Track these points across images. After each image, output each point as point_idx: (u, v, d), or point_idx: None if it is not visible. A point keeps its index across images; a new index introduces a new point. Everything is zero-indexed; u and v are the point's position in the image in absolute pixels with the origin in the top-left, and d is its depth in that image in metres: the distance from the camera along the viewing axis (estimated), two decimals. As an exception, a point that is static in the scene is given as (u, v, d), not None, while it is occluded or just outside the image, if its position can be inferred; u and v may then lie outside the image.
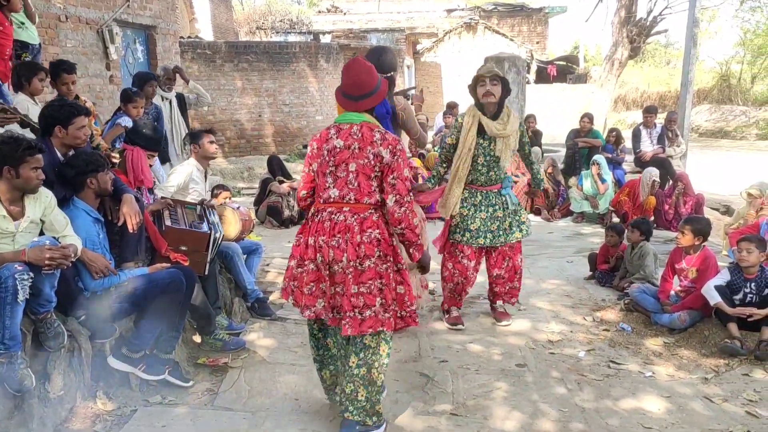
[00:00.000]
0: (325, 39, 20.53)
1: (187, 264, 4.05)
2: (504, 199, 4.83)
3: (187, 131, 6.90)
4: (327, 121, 15.51)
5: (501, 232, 4.79)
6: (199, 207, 4.65)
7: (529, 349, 4.51)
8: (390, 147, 3.10)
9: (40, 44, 6.13)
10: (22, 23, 5.86)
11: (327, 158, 3.16)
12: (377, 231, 3.11)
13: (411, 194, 3.21)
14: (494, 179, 4.80)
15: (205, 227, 4.41)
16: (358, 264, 3.08)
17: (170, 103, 7.02)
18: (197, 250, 4.25)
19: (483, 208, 4.77)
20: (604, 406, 3.70)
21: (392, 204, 3.09)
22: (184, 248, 4.17)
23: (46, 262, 3.08)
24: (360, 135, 3.12)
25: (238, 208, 5.40)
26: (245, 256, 5.22)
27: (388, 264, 3.14)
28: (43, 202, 3.38)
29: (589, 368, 4.21)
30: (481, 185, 4.79)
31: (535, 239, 7.62)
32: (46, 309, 3.24)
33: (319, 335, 3.46)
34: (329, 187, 3.17)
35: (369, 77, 3.22)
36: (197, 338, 4.40)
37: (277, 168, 9.33)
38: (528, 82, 13.45)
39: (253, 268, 5.34)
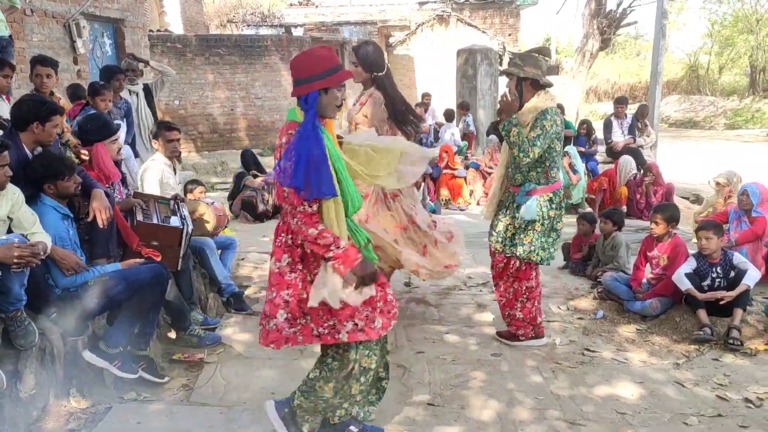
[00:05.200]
0: (297, 32, 20.39)
1: (159, 259, 4.00)
2: (517, 205, 4.23)
3: (154, 123, 6.79)
4: (300, 114, 15.41)
5: (507, 242, 4.30)
6: (172, 201, 4.60)
7: (497, 334, 4.54)
8: (281, 151, 2.77)
9: (10, 36, 5.98)
10: (-13, 16, 5.72)
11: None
12: (289, 236, 2.88)
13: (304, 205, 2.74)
14: (517, 180, 4.23)
15: (176, 222, 4.36)
16: (274, 267, 2.92)
17: (137, 95, 6.91)
18: (169, 245, 4.19)
19: (508, 211, 4.30)
20: (579, 393, 3.74)
21: (289, 216, 2.81)
22: (155, 243, 4.11)
23: (15, 260, 3.02)
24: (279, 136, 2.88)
25: (212, 203, 5.35)
26: (220, 251, 5.18)
27: (297, 274, 2.87)
28: (10, 199, 3.31)
29: (564, 356, 4.26)
30: (513, 186, 4.30)
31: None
32: (16, 307, 3.18)
33: None
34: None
35: (302, 64, 2.83)
36: (172, 334, 4.35)
37: (251, 162, 9.27)
38: (500, 74, 13.49)
39: (228, 262, 5.30)
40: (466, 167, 10.32)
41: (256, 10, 24.32)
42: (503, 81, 12.45)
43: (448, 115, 11.94)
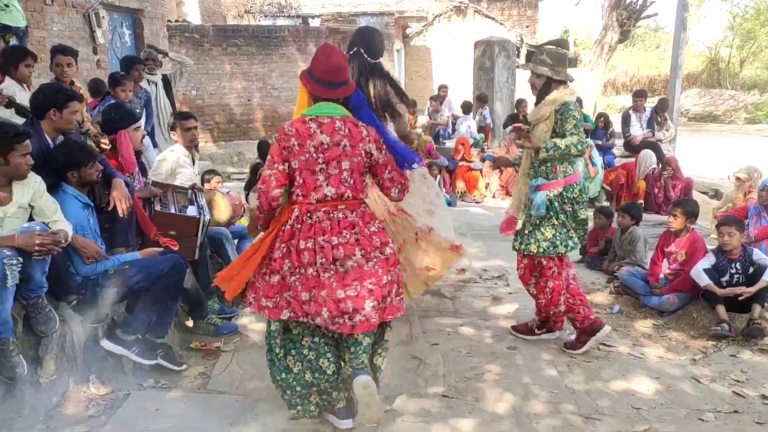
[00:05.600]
0: (314, 23, 20.38)
1: (176, 248, 4.04)
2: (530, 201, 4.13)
3: (171, 114, 6.85)
4: (317, 105, 15.41)
5: (522, 237, 4.19)
6: (189, 191, 4.63)
7: (512, 328, 4.53)
8: (376, 143, 3.11)
9: (26, 27, 6.04)
10: (6, 5, 5.77)
11: (315, 155, 2.98)
12: (377, 222, 3.17)
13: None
14: (530, 176, 4.14)
15: (193, 211, 4.39)
16: (380, 254, 3.05)
17: (156, 85, 6.97)
18: (187, 234, 4.23)
19: (526, 208, 4.20)
20: (595, 388, 3.74)
21: (397, 194, 3.27)
22: (173, 233, 4.15)
23: (36, 248, 3.07)
24: (347, 131, 3.03)
25: (228, 192, 5.38)
26: (236, 241, 5.21)
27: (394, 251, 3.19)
28: (32, 188, 3.36)
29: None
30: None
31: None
32: (37, 294, 3.24)
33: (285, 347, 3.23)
34: (322, 185, 3.00)
35: (346, 64, 3.15)
36: (189, 323, 4.40)
37: (267, 152, 9.28)
38: (518, 67, 13.41)
39: (245, 252, 5.32)
40: (482, 160, 10.29)
41: (273, 1, 24.31)
42: (521, 73, 12.39)
43: (465, 108, 11.89)
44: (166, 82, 7.14)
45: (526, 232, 4.13)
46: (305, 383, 3.16)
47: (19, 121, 3.87)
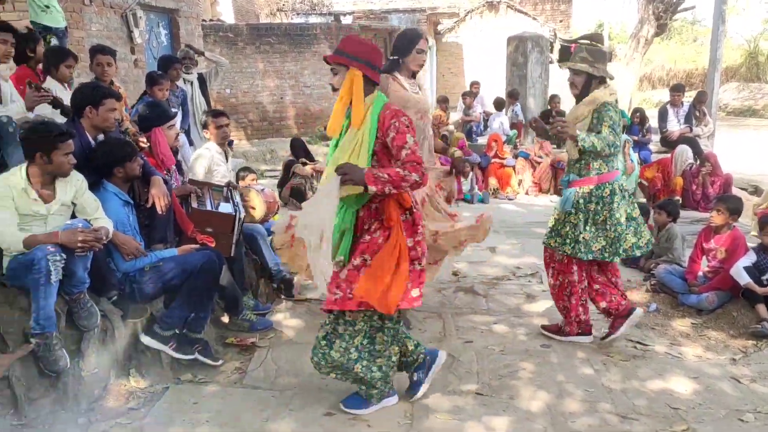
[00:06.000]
0: (346, 20, 20.43)
1: (213, 245, 4.10)
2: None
3: (205, 111, 6.93)
4: (348, 102, 15.45)
5: (551, 233, 4.22)
6: (225, 189, 4.70)
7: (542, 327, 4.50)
8: (408, 132, 3.13)
9: (66, 27, 6.18)
10: (46, 6, 5.91)
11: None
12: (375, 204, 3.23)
13: None
14: (567, 169, 4.19)
15: (229, 208, 4.46)
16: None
17: (192, 84, 7.07)
18: (223, 231, 4.29)
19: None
20: (631, 387, 3.69)
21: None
22: (209, 230, 4.22)
23: (79, 244, 3.14)
24: None
25: (263, 190, 5.43)
26: (270, 238, 5.26)
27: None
28: (74, 185, 3.44)
29: (616, 349, 4.19)
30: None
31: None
32: (80, 290, 3.31)
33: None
34: None
35: (378, 54, 3.21)
36: (225, 318, 4.46)
37: (300, 150, 9.34)
38: (551, 62, 13.26)
39: (278, 249, 5.37)
40: (515, 156, 10.21)
41: (305, -1, 24.44)
42: (554, 69, 12.25)
43: (498, 104, 11.80)
44: (202, 81, 7.24)
45: (550, 225, 4.22)
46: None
47: (62, 120, 3.95)
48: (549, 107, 11.32)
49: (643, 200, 8.29)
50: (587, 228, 4.02)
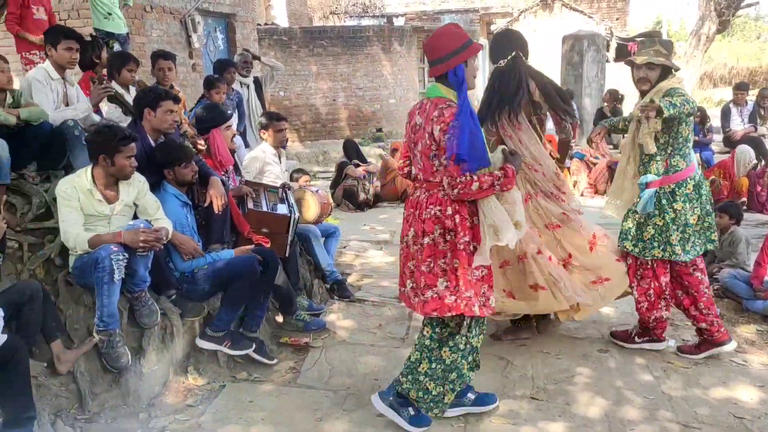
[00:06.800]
0: (399, 22, 20.44)
1: (269, 246, 4.16)
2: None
3: (262, 114, 7.05)
4: (400, 104, 15.50)
5: (632, 239, 4.00)
6: (280, 190, 4.76)
7: (611, 334, 4.39)
8: (442, 125, 2.88)
9: (127, 33, 6.38)
10: (109, 13, 6.11)
11: (411, 135, 3.13)
12: (438, 208, 2.99)
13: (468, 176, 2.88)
14: (641, 170, 3.95)
15: (284, 209, 4.51)
16: (421, 239, 3.03)
17: (248, 87, 7.20)
18: (278, 232, 4.35)
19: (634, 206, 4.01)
20: (693, 395, 3.57)
21: (447, 187, 2.93)
22: (265, 230, 4.28)
23: (141, 244, 3.24)
24: (427, 113, 3.01)
25: (317, 191, 5.49)
26: (323, 239, 5.30)
27: (451, 244, 2.98)
28: (136, 187, 3.55)
29: (676, 356, 4.06)
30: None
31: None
32: (141, 288, 3.41)
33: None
34: (411, 164, 3.25)
35: (440, 43, 2.97)
36: (279, 318, 4.52)
37: (352, 152, 9.42)
38: (607, 61, 12.99)
39: (331, 250, 5.42)
40: (570, 157, 10.02)
41: (357, 2, 24.60)
42: (610, 68, 11.99)
43: (552, 104, 11.62)
44: (258, 84, 7.38)
45: (627, 228, 3.98)
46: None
47: (126, 122, 4.09)
48: (605, 104, 11.07)
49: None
50: (679, 227, 3.83)
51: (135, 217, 3.56)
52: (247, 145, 6.66)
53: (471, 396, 3.35)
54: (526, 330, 4.30)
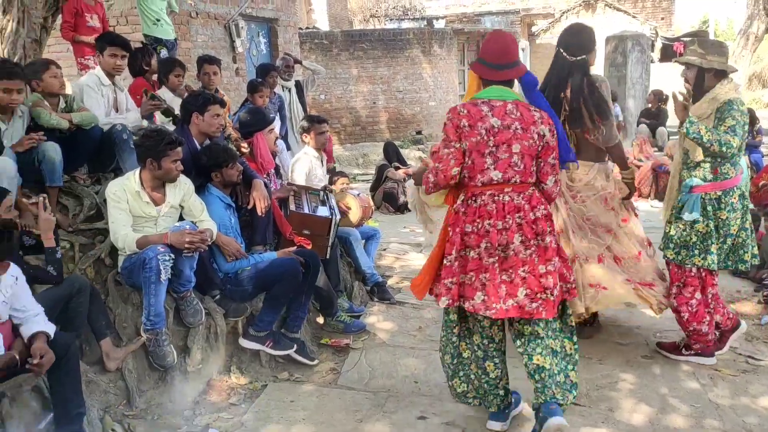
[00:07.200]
0: (439, 24, 20.43)
1: (310, 247, 4.20)
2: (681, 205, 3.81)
3: (304, 117, 7.12)
4: (440, 106, 15.47)
5: (675, 247, 3.88)
6: (321, 192, 4.81)
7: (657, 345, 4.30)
8: (549, 126, 2.97)
9: (175, 39, 6.52)
10: (157, 20, 6.26)
11: (485, 138, 2.90)
12: (543, 207, 2.99)
13: None
14: (685, 174, 3.83)
15: (325, 212, 4.56)
16: (539, 241, 2.95)
17: (290, 91, 7.28)
18: (319, 234, 4.39)
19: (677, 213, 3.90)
20: (741, 404, 3.48)
21: (551, 185, 3.01)
22: (306, 232, 4.33)
23: (186, 245, 3.31)
24: (519, 114, 2.94)
25: (358, 194, 5.52)
26: (363, 242, 5.33)
27: (555, 240, 3.03)
28: (182, 189, 3.63)
29: (724, 363, 3.96)
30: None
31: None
32: (186, 288, 3.49)
33: (460, 335, 3.24)
34: (489, 168, 2.93)
35: (515, 47, 3.06)
36: (320, 319, 4.56)
37: (392, 154, 9.45)
38: (652, 62, 12.75)
39: (372, 253, 5.45)
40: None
41: (398, 4, 24.66)
42: (655, 69, 11.76)
43: (595, 106, 11.47)
44: (299, 87, 7.45)
45: (670, 234, 3.87)
46: (469, 372, 3.26)
47: (172, 128, 4.18)
48: (649, 105, 10.88)
49: (752, 206, 7.80)
50: (719, 237, 3.73)
51: (181, 218, 3.65)
52: (288, 148, 6.73)
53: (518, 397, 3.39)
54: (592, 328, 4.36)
